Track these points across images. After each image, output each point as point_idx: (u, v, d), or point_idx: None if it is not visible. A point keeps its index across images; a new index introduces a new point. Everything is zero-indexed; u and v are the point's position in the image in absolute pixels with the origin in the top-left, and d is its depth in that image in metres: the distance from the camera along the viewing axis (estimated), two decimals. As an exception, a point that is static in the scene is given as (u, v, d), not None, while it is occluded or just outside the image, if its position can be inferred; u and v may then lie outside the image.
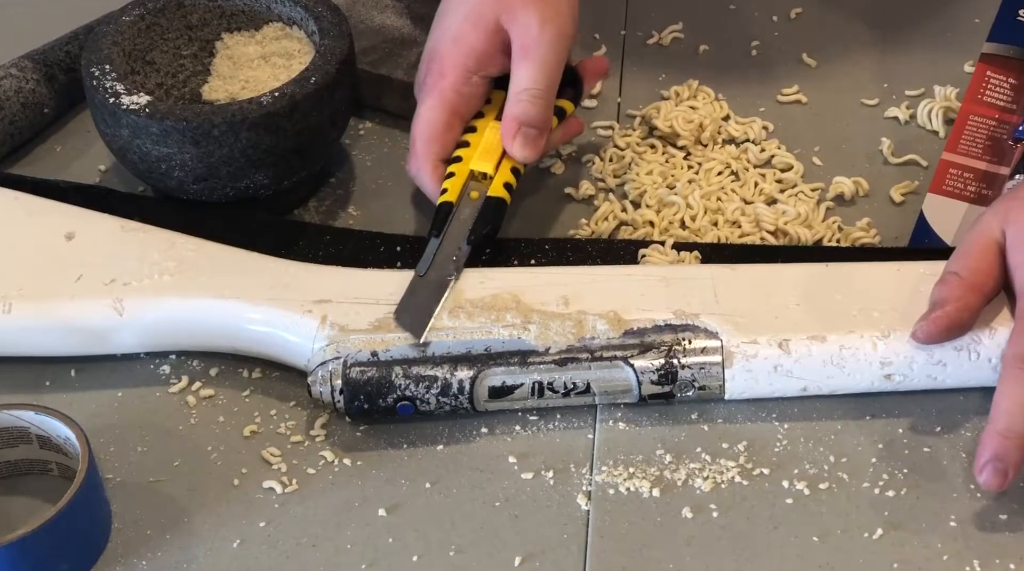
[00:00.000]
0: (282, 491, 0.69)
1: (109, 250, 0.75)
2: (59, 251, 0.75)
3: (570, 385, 0.70)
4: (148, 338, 0.74)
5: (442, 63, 0.79)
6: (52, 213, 0.78)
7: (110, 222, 0.77)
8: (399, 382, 0.69)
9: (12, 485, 0.69)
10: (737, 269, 0.75)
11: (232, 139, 0.77)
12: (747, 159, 0.87)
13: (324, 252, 0.80)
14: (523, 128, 0.77)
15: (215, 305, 0.73)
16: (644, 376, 0.70)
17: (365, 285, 0.73)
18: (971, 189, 0.84)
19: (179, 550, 0.66)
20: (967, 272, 0.70)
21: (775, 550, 0.65)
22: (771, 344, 0.70)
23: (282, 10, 0.86)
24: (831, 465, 0.69)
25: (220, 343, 0.74)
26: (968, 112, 0.88)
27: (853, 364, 0.70)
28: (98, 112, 0.79)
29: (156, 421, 0.72)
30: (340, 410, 0.70)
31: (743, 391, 0.71)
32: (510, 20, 0.78)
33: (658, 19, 0.99)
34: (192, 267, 0.74)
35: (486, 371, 0.70)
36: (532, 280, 0.73)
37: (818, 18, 1.00)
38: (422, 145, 0.78)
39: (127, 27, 0.83)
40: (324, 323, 0.71)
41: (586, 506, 0.68)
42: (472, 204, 0.77)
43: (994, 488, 0.65)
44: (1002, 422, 0.65)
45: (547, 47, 0.78)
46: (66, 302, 0.73)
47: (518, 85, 0.78)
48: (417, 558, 0.65)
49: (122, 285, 0.73)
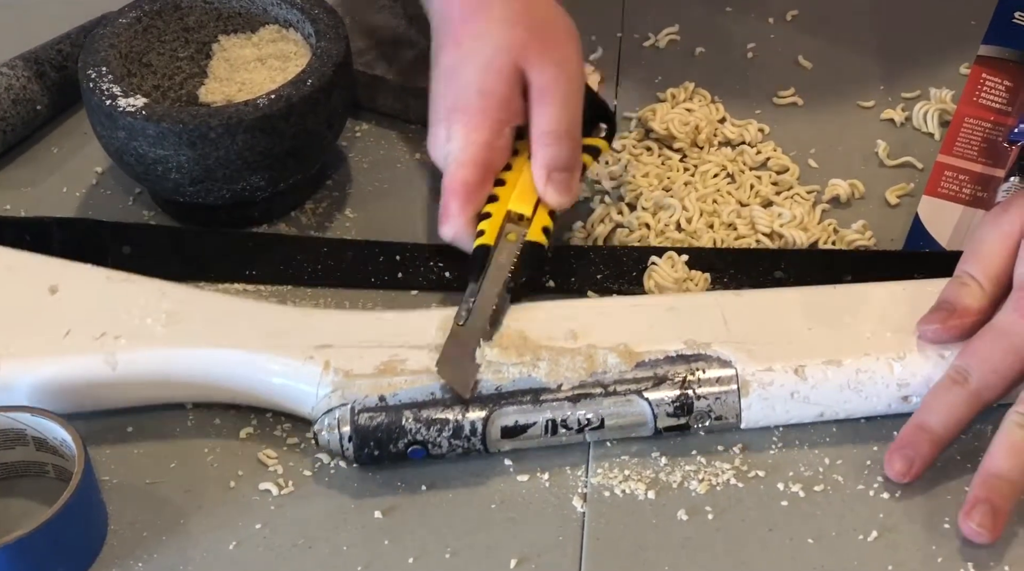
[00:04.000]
0: (278, 493, 0.69)
1: (96, 303, 0.72)
2: (43, 306, 0.72)
3: (584, 421, 0.69)
4: (143, 392, 0.71)
5: (471, 118, 0.76)
6: (32, 266, 0.74)
7: (95, 273, 0.74)
8: (410, 426, 0.68)
9: (8, 487, 0.69)
10: (743, 294, 0.74)
11: (228, 141, 0.77)
12: (743, 161, 0.87)
13: (323, 265, 0.80)
14: (553, 174, 0.75)
15: (212, 355, 0.70)
16: (659, 408, 0.69)
17: (366, 327, 0.72)
18: (966, 191, 0.84)
19: (175, 552, 0.66)
20: (989, 283, 0.70)
21: (770, 552, 0.65)
22: (787, 370, 0.69)
23: (278, 12, 0.86)
24: (826, 467, 0.69)
25: (218, 393, 0.71)
26: (963, 114, 0.88)
27: (871, 387, 0.70)
28: (95, 114, 0.79)
29: (152, 423, 0.72)
30: (349, 458, 0.68)
31: (759, 419, 0.70)
32: (529, 65, 0.76)
33: (654, 21, 0.99)
34: (185, 316, 0.72)
35: (498, 411, 0.68)
36: (536, 315, 0.72)
37: (814, 20, 1.00)
38: (458, 205, 0.75)
39: (124, 29, 0.83)
40: (328, 369, 0.69)
41: (582, 508, 0.68)
42: (509, 247, 0.74)
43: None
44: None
45: (566, 86, 0.76)
46: (56, 359, 0.70)
47: (540, 127, 0.76)
48: (413, 560, 0.65)
49: (113, 339, 0.70)
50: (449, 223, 0.75)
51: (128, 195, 0.86)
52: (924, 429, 0.68)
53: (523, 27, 0.78)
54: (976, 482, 0.66)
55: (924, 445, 0.67)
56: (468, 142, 0.76)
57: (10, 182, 0.87)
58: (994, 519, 0.64)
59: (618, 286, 0.78)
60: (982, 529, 0.64)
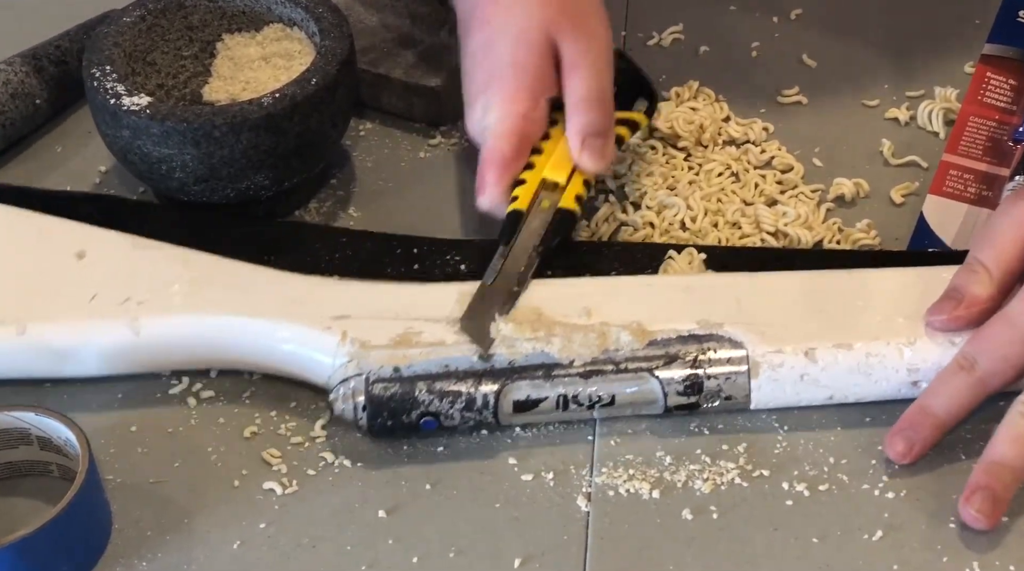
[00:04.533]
0: (282, 492, 0.69)
1: (122, 268, 0.74)
2: (71, 270, 0.74)
3: (595, 398, 0.69)
4: (165, 357, 0.72)
5: (507, 90, 0.77)
6: (61, 231, 0.76)
7: (121, 239, 0.76)
8: (423, 397, 0.69)
9: (12, 486, 0.69)
10: (758, 277, 0.74)
11: (233, 140, 0.77)
12: (747, 160, 0.87)
13: (341, 254, 0.79)
14: (587, 139, 0.76)
15: (232, 322, 0.71)
16: (670, 387, 0.69)
17: (383, 299, 0.72)
18: (971, 190, 0.84)
19: (179, 551, 0.66)
20: (1000, 272, 0.70)
21: (775, 551, 0.65)
22: (797, 353, 0.70)
23: (283, 11, 0.86)
24: (831, 467, 0.69)
25: (238, 361, 0.73)
26: (968, 113, 0.88)
27: (880, 372, 0.70)
28: (98, 113, 0.79)
29: (156, 422, 0.72)
30: (363, 427, 0.69)
31: (769, 400, 0.70)
32: (560, 38, 0.78)
33: (658, 20, 0.99)
34: (207, 284, 0.73)
35: (510, 385, 0.69)
36: (551, 292, 0.72)
37: (818, 19, 1.00)
38: (494, 176, 0.76)
39: (128, 28, 0.83)
40: (345, 339, 0.70)
41: (586, 507, 0.68)
42: (542, 214, 0.75)
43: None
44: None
45: (596, 56, 0.78)
46: (82, 322, 0.72)
47: (574, 95, 0.77)
48: (417, 559, 0.65)
49: (137, 304, 0.72)
50: (486, 193, 0.76)
51: (132, 194, 0.86)
52: (927, 412, 0.68)
53: (553, 4, 0.79)
54: (978, 469, 0.66)
55: (926, 428, 0.68)
56: (504, 114, 0.77)
57: (14, 181, 0.87)
58: (993, 505, 0.65)
59: None
60: (980, 515, 0.65)
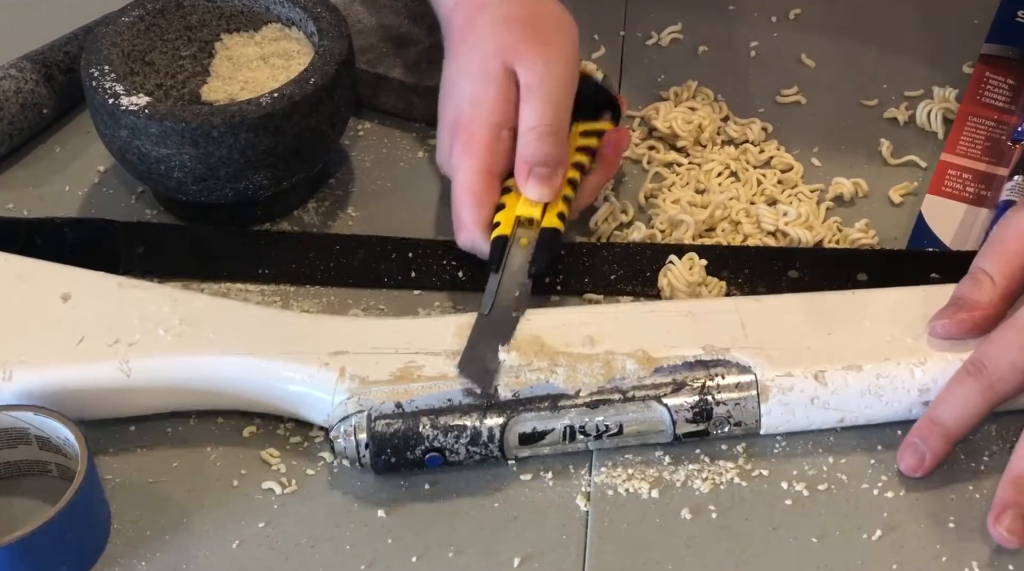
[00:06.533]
0: (281, 492, 0.69)
1: (109, 310, 0.72)
2: (56, 313, 0.72)
3: (602, 428, 0.68)
4: (158, 400, 0.71)
5: (467, 127, 0.77)
6: (44, 274, 0.74)
7: (106, 280, 0.74)
8: (427, 433, 0.67)
9: (11, 486, 0.69)
10: (761, 299, 0.73)
11: (231, 140, 0.77)
12: (746, 160, 0.87)
13: (335, 262, 0.80)
14: (534, 168, 0.75)
15: (226, 363, 0.70)
16: (678, 415, 0.68)
17: (381, 334, 0.71)
18: (970, 190, 0.84)
19: (178, 551, 0.66)
20: (1002, 278, 0.69)
21: (774, 551, 0.65)
22: (806, 376, 0.69)
23: (281, 11, 0.86)
24: (830, 466, 0.69)
25: (234, 400, 0.71)
26: (967, 113, 0.88)
27: (891, 393, 0.69)
28: (97, 113, 0.79)
29: (155, 422, 0.72)
30: (366, 465, 0.68)
31: (779, 425, 0.69)
32: (518, 63, 0.77)
33: (657, 20, 0.99)
34: (198, 323, 0.71)
35: (516, 417, 0.68)
36: (551, 320, 0.71)
37: (817, 19, 1.00)
38: (469, 214, 0.76)
39: (126, 28, 0.83)
40: (344, 375, 0.69)
41: (585, 507, 0.68)
42: (527, 235, 0.75)
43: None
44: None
45: (553, 83, 0.77)
46: (70, 366, 0.69)
47: (525, 124, 0.76)
48: (416, 559, 0.65)
49: (127, 346, 0.70)
50: (464, 232, 0.76)
51: (131, 194, 0.86)
52: (936, 423, 0.67)
53: (516, 26, 0.78)
54: (1003, 485, 0.65)
55: (936, 440, 0.67)
56: (465, 152, 0.77)
57: (14, 182, 0.87)
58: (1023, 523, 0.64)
59: (631, 287, 0.78)
60: (1012, 535, 0.64)
